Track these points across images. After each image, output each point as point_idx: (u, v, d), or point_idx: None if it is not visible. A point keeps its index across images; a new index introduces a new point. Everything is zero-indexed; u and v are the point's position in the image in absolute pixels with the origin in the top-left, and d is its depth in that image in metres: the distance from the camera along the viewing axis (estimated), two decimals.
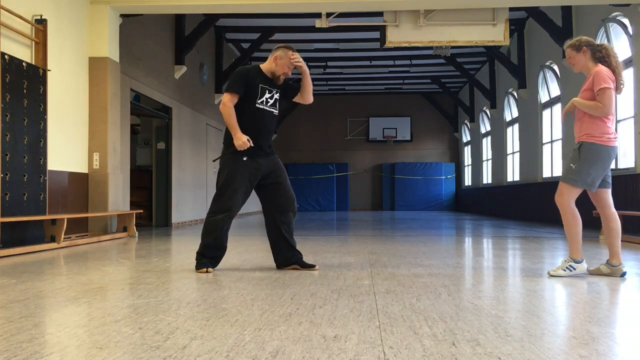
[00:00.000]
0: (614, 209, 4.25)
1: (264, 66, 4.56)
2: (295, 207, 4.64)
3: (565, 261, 4.23)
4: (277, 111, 4.60)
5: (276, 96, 4.56)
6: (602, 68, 4.14)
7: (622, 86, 4.20)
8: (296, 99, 4.75)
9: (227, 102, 4.38)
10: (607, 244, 4.24)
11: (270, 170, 4.54)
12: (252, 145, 4.35)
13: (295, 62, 4.51)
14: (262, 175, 4.51)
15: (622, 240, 4.28)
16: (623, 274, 4.16)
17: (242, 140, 4.30)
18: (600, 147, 4.09)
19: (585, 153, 4.11)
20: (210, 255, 4.48)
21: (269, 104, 4.51)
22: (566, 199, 4.17)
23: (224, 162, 4.48)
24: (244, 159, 4.40)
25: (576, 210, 4.19)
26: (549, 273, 4.26)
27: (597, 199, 4.27)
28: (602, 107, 4.05)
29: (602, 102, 4.06)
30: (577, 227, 4.17)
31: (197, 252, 4.52)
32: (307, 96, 4.71)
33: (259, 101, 4.45)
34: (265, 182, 4.55)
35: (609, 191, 4.25)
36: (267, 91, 4.48)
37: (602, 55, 4.21)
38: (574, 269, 4.17)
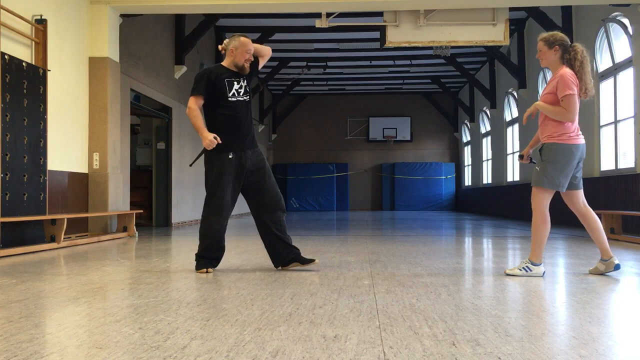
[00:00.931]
0: (587, 207, 4.23)
1: (225, 62, 4.59)
2: (283, 204, 4.61)
3: (524, 262, 4.25)
4: (249, 97, 4.62)
5: (244, 84, 4.59)
6: (566, 72, 4.05)
7: (587, 91, 4.07)
8: (261, 63, 4.76)
9: (192, 105, 4.43)
10: (594, 242, 4.24)
11: (255, 167, 4.53)
12: (220, 142, 4.35)
13: (239, 36, 4.56)
14: (248, 171, 4.50)
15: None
16: (616, 266, 4.16)
17: (208, 139, 4.33)
18: (561, 146, 4.07)
19: (547, 154, 4.11)
20: (209, 256, 4.48)
21: (240, 94, 4.53)
22: (538, 202, 4.17)
23: (210, 162, 4.48)
24: (230, 156, 4.41)
25: (547, 215, 4.18)
26: (505, 272, 4.35)
27: (569, 201, 4.26)
28: (566, 113, 4.02)
29: (566, 108, 4.01)
30: (544, 232, 4.18)
31: (196, 254, 4.53)
32: (260, 52, 4.69)
33: (230, 94, 4.48)
34: (249, 180, 4.52)
35: (581, 192, 4.23)
36: (234, 83, 4.51)
37: (570, 58, 4.12)
38: (530, 270, 4.18)
